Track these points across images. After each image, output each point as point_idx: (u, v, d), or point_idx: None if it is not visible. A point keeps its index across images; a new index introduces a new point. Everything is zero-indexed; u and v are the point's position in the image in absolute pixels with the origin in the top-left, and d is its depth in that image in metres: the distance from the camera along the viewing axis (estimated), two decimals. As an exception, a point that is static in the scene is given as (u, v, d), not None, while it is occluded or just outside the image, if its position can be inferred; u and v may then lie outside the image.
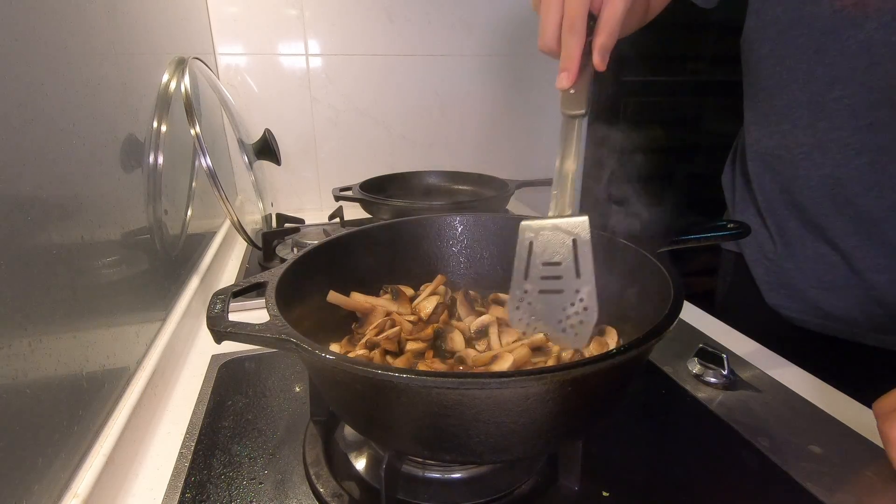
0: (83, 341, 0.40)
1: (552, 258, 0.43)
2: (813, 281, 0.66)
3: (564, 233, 0.43)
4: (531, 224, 0.45)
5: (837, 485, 0.41)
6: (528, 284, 0.43)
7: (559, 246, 0.43)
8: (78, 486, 0.36)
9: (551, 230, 0.43)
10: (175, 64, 0.74)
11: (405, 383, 0.29)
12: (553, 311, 0.43)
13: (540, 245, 0.44)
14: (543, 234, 0.44)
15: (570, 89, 0.43)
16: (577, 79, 0.43)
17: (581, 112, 0.43)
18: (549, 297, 0.42)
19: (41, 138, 0.37)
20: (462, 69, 1.27)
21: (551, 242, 0.43)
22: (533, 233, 0.44)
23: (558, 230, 0.43)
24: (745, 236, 0.48)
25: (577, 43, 0.42)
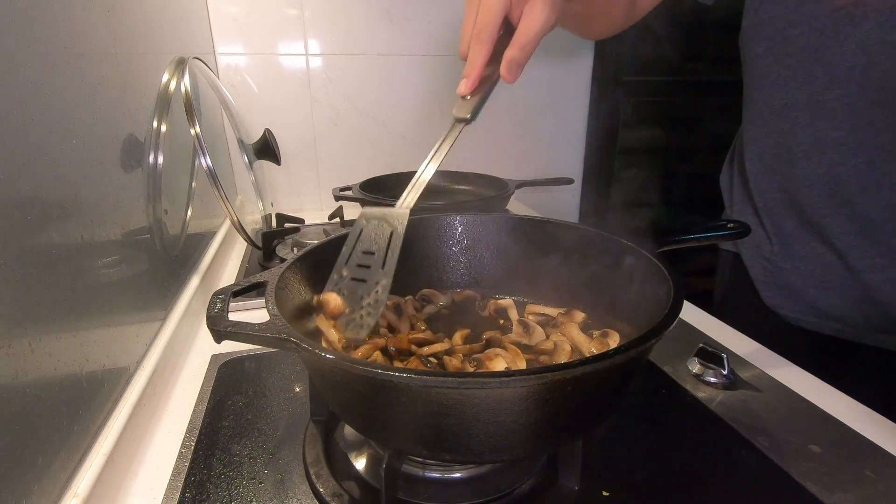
0: (83, 341, 0.40)
1: (370, 247, 0.43)
2: (810, 280, 0.66)
3: (387, 224, 0.44)
4: (368, 212, 0.46)
5: (837, 484, 0.41)
6: (346, 270, 0.44)
7: (379, 236, 0.44)
8: (78, 486, 0.36)
9: (379, 220, 0.44)
10: (175, 64, 0.74)
11: (405, 383, 0.29)
12: (353, 299, 0.42)
13: (367, 233, 0.44)
14: (372, 222, 0.45)
15: (465, 96, 0.45)
16: (476, 87, 0.44)
17: (467, 118, 0.45)
18: (355, 284, 0.43)
19: (41, 138, 0.37)
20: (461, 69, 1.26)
21: (375, 232, 0.44)
22: (366, 220, 0.45)
23: (384, 221, 0.44)
24: (744, 236, 0.48)
25: (480, 52, 0.43)
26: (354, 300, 0.42)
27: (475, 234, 0.59)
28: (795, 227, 0.65)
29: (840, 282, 0.63)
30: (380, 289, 0.41)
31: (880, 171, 0.56)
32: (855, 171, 0.57)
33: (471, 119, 0.45)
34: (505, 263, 0.59)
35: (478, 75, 0.44)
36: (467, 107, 0.45)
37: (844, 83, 0.55)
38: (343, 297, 0.42)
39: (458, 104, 0.45)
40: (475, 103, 0.45)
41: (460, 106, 0.45)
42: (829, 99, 0.57)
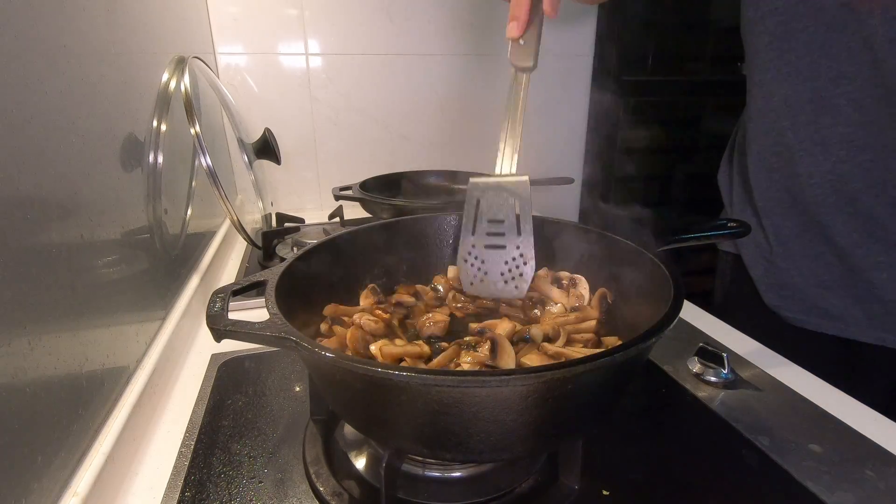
0: (83, 340, 0.40)
1: (496, 216, 0.45)
2: (811, 280, 0.65)
3: (508, 193, 0.45)
4: (478, 183, 0.46)
5: (837, 483, 0.41)
6: (475, 239, 0.46)
7: (503, 205, 0.45)
8: (77, 485, 0.36)
9: (496, 190, 0.45)
10: (175, 63, 0.73)
11: (405, 381, 0.29)
12: (496, 265, 0.45)
13: (486, 203, 0.46)
14: (489, 193, 0.46)
15: (519, 39, 0.43)
16: (527, 28, 0.43)
17: (529, 65, 0.44)
18: (493, 252, 0.45)
19: (40, 136, 0.37)
20: (462, 68, 1.27)
21: (496, 201, 0.45)
22: (480, 192, 0.46)
23: (502, 189, 0.45)
24: (744, 235, 0.48)
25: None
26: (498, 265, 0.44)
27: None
28: (796, 227, 0.64)
29: (841, 281, 0.63)
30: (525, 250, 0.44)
31: (885, 169, 0.55)
32: (860, 169, 0.57)
33: (533, 66, 0.44)
34: (505, 263, 0.59)
35: (527, 12, 0.42)
36: (527, 53, 0.43)
37: (851, 79, 0.54)
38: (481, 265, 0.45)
39: (515, 50, 0.44)
40: (533, 47, 0.43)
41: (518, 52, 0.44)
42: (835, 95, 0.56)
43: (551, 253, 0.56)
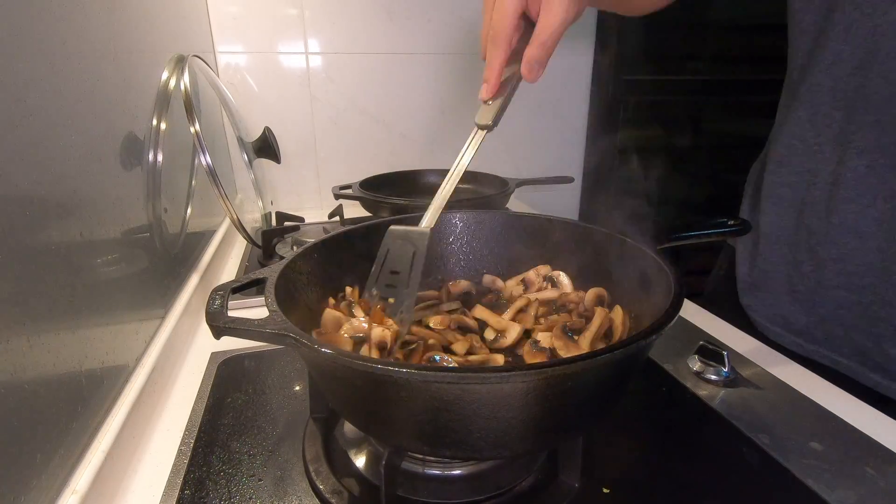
0: (82, 338, 0.40)
1: (396, 267, 0.45)
2: (784, 287, 0.63)
3: (410, 244, 0.45)
4: (393, 231, 0.47)
5: (838, 481, 0.41)
6: (375, 289, 0.46)
7: (404, 255, 0.45)
8: (77, 483, 0.35)
9: (402, 240, 0.46)
10: (175, 61, 0.73)
11: (405, 378, 0.29)
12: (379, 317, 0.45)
13: (392, 252, 0.46)
14: (397, 243, 0.46)
15: (487, 101, 0.44)
16: (498, 91, 0.43)
17: (488, 124, 0.44)
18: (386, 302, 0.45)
19: (39, 134, 0.37)
20: (462, 67, 1.26)
21: (400, 251, 0.46)
22: (392, 239, 0.46)
23: (406, 240, 0.45)
24: (745, 233, 0.48)
25: (497, 55, 0.41)
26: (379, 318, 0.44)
27: (474, 232, 0.59)
28: (787, 229, 0.61)
29: (809, 295, 0.60)
30: (404, 308, 0.43)
31: (879, 178, 0.51)
32: (854, 175, 0.53)
33: (493, 126, 0.44)
34: (505, 260, 0.59)
35: (497, 79, 0.42)
36: (489, 113, 0.44)
37: (867, 70, 0.50)
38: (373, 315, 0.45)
39: (480, 110, 0.44)
40: (496, 109, 0.44)
41: (482, 112, 0.44)
42: (851, 87, 0.52)
43: (551, 251, 0.56)
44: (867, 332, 0.56)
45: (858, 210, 0.54)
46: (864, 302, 0.56)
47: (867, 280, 0.55)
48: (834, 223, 0.56)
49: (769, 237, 0.64)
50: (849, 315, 0.57)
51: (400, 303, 0.44)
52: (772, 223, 0.64)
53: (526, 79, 0.42)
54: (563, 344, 0.45)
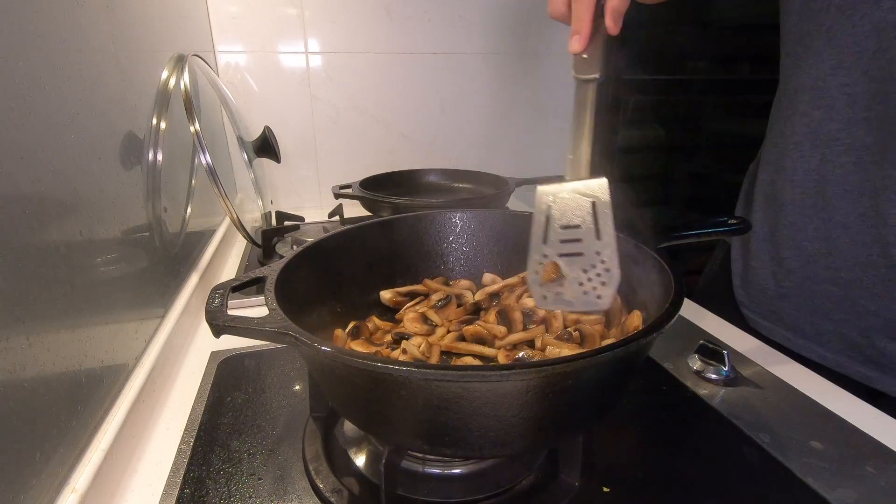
0: (81, 337, 0.40)
1: (571, 221, 0.42)
2: (771, 283, 0.64)
3: (583, 196, 0.42)
4: (549, 188, 0.43)
5: (838, 480, 0.41)
6: (548, 249, 0.42)
7: (578, 209, 0.42)
8: (76, 481, 0.35)
9: (570, 193, 0.42)
10: (174, 61, 0.73)
11: (405, 376, 0.29)
12: (575, 273, 0.42)
13: (558, 209, 0.42)
14: (562, 197, 0.42)
15: (582, 53, 0.42)
16: (589, 42, 0.42)
17: (594, 76, 0.42)
18: (569, 259, 0.42)
19: (39, 133, 0.37)
20: (462, 67, 1.26)
21: (570, 206, 0.42)
22: (551, 196, 0.43)
23: (577, 193, 0.42)
24: (745, 231, 0.48)
25: (586, 4, 0.40)
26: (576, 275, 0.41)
27: (475, 231, 0.59)
28: (774, 226, 0.62)
29: (797, 291, 0.61)
30: (605, 258, 0.40)
31: (865, 175, 0.52)
32: (842, 171, 0.53)
33: (601, 77, 0.42)
34: (505, 259, 0.59)
35: (589, 27, 0.41)
36: (591, 65, 0.42)
37: (850, 69, 0.51)
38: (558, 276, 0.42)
39: (580, 64, 0.42)
40: (598, 60, 0.42)
41: (582, 65, 0.42)
42: (832, 86, 0.53)
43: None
44: (856, 326, 0.57)
45: (846, 206, 0.54)
46: (852, 296, 0.56)
47: (854, 274, 0.55)
48: (822, 218, 0.56)
49: (758, 234, 0.65)
50: (837, 310, 0.58)
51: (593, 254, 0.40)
52: (759, 220, 0.65)
53: (611, 31, 0.41)
54: None
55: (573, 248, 0.42)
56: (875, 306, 0.55)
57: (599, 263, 0.41)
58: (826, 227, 0.56)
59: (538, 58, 1.30)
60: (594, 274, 0.41)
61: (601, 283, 0.41)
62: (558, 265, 0.42)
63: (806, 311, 0.61)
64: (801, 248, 0.59)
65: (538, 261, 0.43)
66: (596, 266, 0.41)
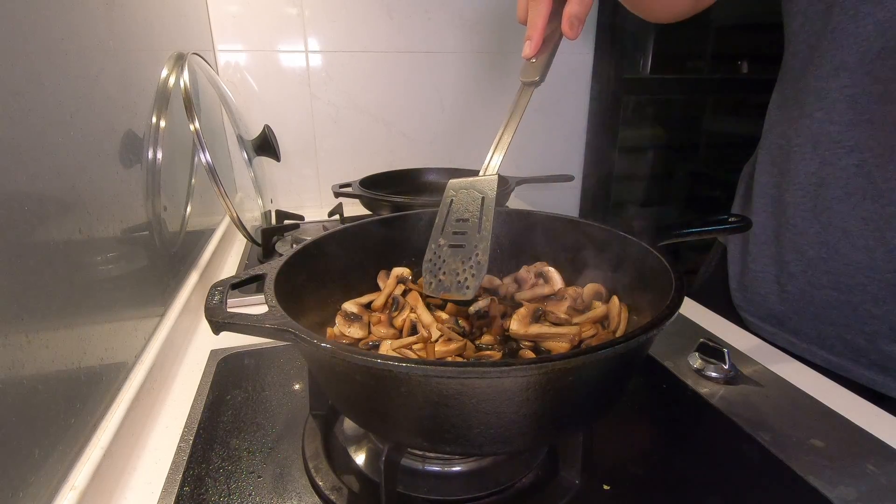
0: (81, 335, 0.40)
1: (463, 215, 0.45)
2: (773, 287, 0.63)
3: (477, 191, 0.45)
4: (457, 182, 0.47)
5: (839, 478, 0.40)
6: (442, 239, 0.46)
7: (471, 203, 0.45)
8: (76, 479, 0.35)
9: (468, 188, 0.46)
10: (174, 59, 0.73)
11: (405, 373, 0.29)
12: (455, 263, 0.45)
13: (457, 203, 0.46)
14: (461, 192, 0.46)
15: (531, 58, 0.44)
16: (541, 49, 0.43)
17: (535, 80, 0.44)
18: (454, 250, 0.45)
19: (38, 130, 0.37)
20: (462, 66, 1.26)
21: (466, 200, 0.46)
22: (454, 191, 0.47)
23: (473, 188, 0.46)
24: (746, 230, 0.48)
25: (539, 12, 0.42)
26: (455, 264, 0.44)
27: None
28: (776, 229, 0.62)
29: (800, 295, 0.60)
30: (479, 251, 0.43)
31: (867, 178, 0.52)
32: (843, 174, 0.53)
33: (539, 81, 0.44)
34: (504, 257, 0.59)
35: (539, 36, 0.43)
36: (534, 69, 0.44)
37: (852, 70, 0.51)
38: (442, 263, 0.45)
39: (525, 68, 0.45)
40: (542, 65, 0.44)
41: (527, 69, 0.45)
42: (833, 88, 0.52)
43: (552, 248, 0.56)
44: (860, 331, 0.56)
45: (846, 209, 0.54)
46: (854, 301, 0.56)
47: (857, 279, 0.55)
48: (822, 222, 0.56)
49: (758, 237, 0.65)
50: (839, 314, 0.58)
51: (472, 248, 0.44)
52: (760, 223, 0.64)
53: (567, 35, 0.42)
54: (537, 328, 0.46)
55: (459, 240, 0.45)
56: (879, 311, 0.54)
57: (475, 256, 0.44)
58: (826, 232, 0.56)
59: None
60: (469, 265, 0.44)
61: (471, 274, 0.44)
62: None
63: (808, 315, 0.61)
64: (802, 252, 0.59)
65: (433, 249, 0.46)
66: (471, 258, 0.44)
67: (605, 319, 0.47)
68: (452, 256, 0.45)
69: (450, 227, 0.46)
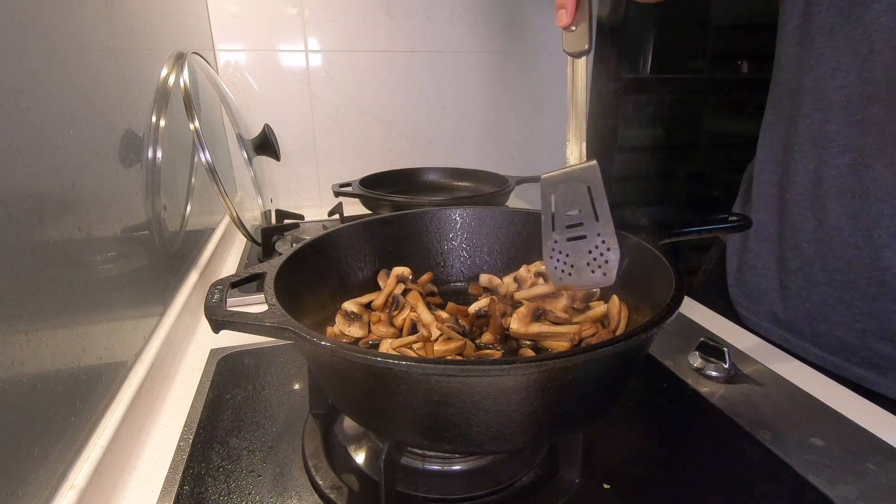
0: (80, 333, 0.40)
1: (571, 208, 0.46)
2: (773, 284, 0.64)
3: (579, 181, 0.45)
4: (550, 178, 0.47)
5: (839, 477, 0.40)
6: (557, 234, 0.47)
7: (576, 194, 0.45)
8: (75, 478, 0.35)
9: (567, 181, 0.46)
10: (174, 59, 0.73)
11: (405, 371, 0.29)
12: (581, 255, 0.46)
13: (560, 197, 0.46)
14: (561, 186, 0.46)
15: (570, 27, 0.43)
16: (576, 15, 0.42)
17: (584, 49, 0.43)
18: (575, 243, 0.46)
19: (38, 129, 0.37)
20: (462, 65, 1.26)
21: (569, 193, 0.46)
22: (552, 187, 0.47)
23: (573, 180, 0.45)
24: (746, 229, 0.48)
25: None
26: (582, 255, 0.46)
27: (475, 228, 0.59)
28: (776, 228, 0.62)
29: (797, 291, 0.61)
30: (606, 237, 0.45)
31: (858, 178, 0.52)
32: (836, 173, 0.54)
33: (589, 49, 0.43)
34: (505, 257, 0.59)
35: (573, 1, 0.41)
36: (579, 38, 0.43)
37: (847, 71, 0.51)
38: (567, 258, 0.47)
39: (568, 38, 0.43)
40: (586, 33, 0.42)
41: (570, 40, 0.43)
42: (831, 88, 0.53)
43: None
44: (851, 328, 0.57)
45: (839, 208, 0.55)
46: (847, 298, 0.56)
47: (848, 276, 0.55)
48: (818, 220, 0.57)
49: (759, 234, 0.65)
50: (832, 311, 0.58)
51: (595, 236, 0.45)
52: (760, 220, 0.65)
53: None
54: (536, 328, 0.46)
55: (577, 232, 0.46)
56: (870, 308, 0.55)
57: (601, 243, 0.45)
58: (821, 229, 0.57)
59: (538, 56, 1.30)
60: (598, 253, 0.45)
61: (605, 261, 0.45)
62: None
63: (803, 312, 0.61)
64: (800, 249, 0.59)
65: (550, 246, 0.47)
66: (598, 246, 0.45)
67: (605, 318, 0.47)
68: (575, 249, 0.46)
69: (561, 222, 0.46)
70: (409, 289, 0.53)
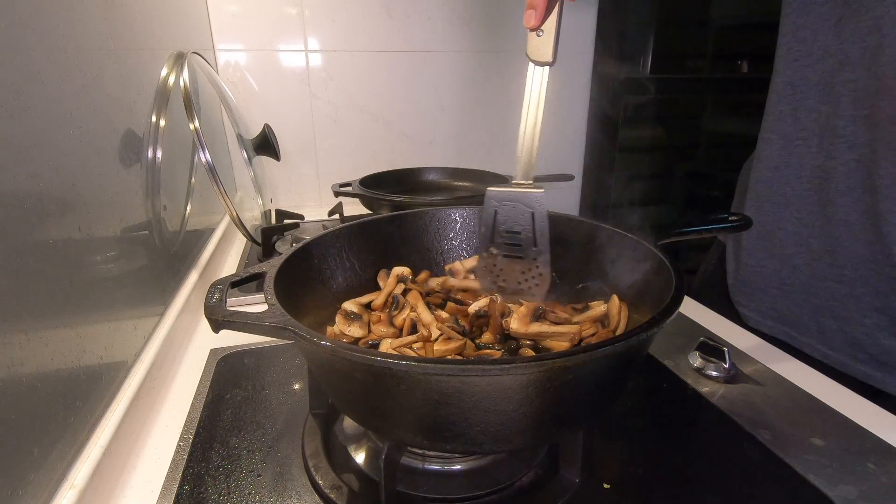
0: (80, 333, 0.40)
1: (513, 227, 0.47)
2: (774, 281, 0.63)
3: (525, 206, 0.46)
4: (496, 193, 0.48)
5: (839, 476, 0.40)
6: (494, 248, 0.48)
7: (520, 217, 0.47)
8: (75, 477, 0.35)
9: (513, 201, 0.47)
10: (174, 58, 0.73)
11: (405, 370, 0.29)
12: (514, 273, 0.48)
13: (503, 215, 0.47)
14: (507, 204, 0.47)
15: (537, 30, 0.41)
16: (545, 17, 0.40)
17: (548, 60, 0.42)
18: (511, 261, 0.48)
19: (37, 129, 0.37)
20: (462, 65, 1.26)
21: (513, 213, 0.47)
22: (497, 202, 0.48)
23: (518, 202, 0.46)
24: (746, 228, 0.48)
25: None
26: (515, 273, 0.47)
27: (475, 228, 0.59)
28: (778, 223, 0.62)
29: (802, 288, 0.61)
30: (540, 264, 0.46)
31: (867, 173, 0.52)
32: (845, 169, 0.53)
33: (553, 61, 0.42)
34: (505, 257, 0.59)
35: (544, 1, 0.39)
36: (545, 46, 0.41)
37: (855, 65, 0.51)
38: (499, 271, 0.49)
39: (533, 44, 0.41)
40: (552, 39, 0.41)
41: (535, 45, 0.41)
42: (838, 82, 0.52)
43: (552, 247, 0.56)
44: (860, 324, 0.57)
45: (850, 203, 0.54)
46: (856, 294, 0.56)
47: (859, 272, 0.55)
48: (827, 215, 0.56)
49: (759, 231, 0.65)
50: (841, 307, 0.58)
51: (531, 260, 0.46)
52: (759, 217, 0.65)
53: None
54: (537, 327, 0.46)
55: (515, 251, 0.48)
56: (879, 304, 0.55)
57: (535, 268, 0.46)
58: (830, 225, 0.56)
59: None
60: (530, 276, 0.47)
61: (535, 284, 0.47)
62: None
63: (809, 308, 0.61)
64: (807, 244, 0.59)
65: (485, 256, 0.49)
66: (531, 270, 0.46)
67: (605, 318, 0.47)
68: (510, 266, 0.47)
69: (500, 238, 0.47)
70: (409, 289, 0.53)
